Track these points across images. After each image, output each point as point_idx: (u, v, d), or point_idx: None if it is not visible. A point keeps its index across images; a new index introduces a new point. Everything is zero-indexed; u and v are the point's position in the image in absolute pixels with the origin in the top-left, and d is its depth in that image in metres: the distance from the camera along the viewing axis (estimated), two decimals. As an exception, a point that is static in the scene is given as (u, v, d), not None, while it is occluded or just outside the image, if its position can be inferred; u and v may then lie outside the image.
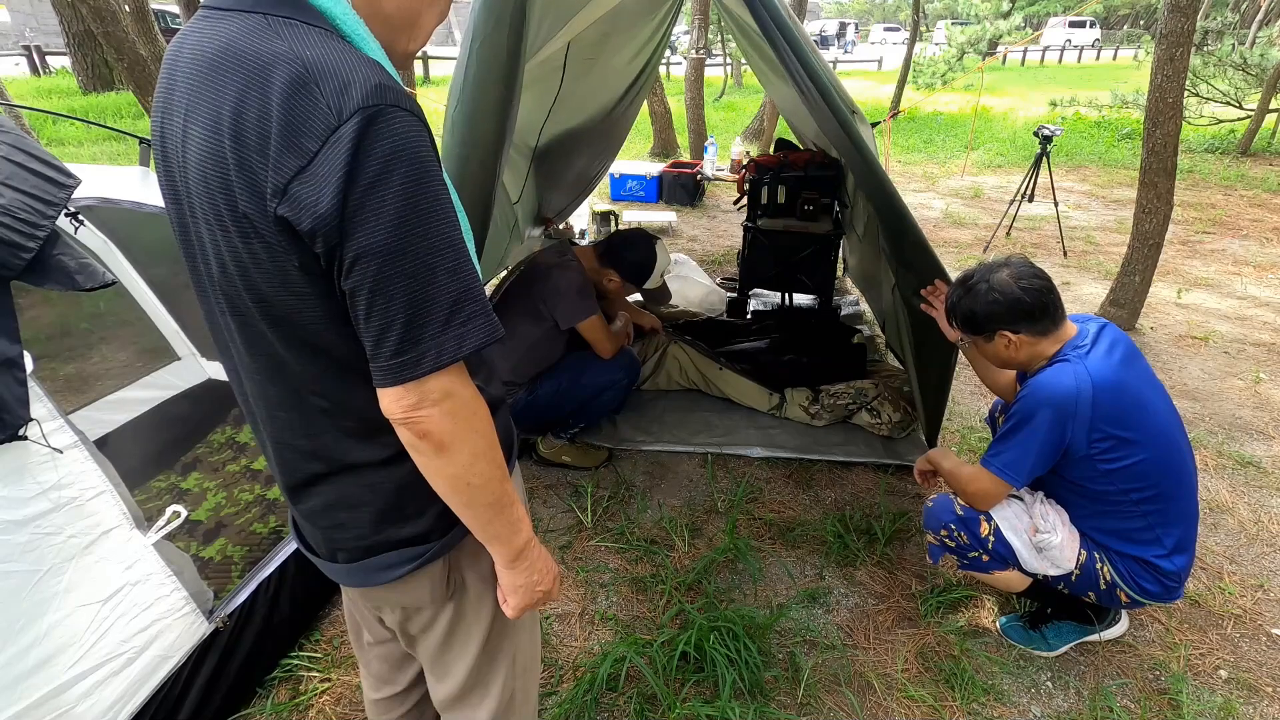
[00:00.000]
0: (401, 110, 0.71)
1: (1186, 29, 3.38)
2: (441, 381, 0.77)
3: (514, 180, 3.06)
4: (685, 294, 3.99)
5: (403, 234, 0.71)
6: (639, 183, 6.59)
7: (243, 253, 0.75)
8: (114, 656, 1.38)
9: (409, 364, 0.75)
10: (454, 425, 0.79)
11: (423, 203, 0.72)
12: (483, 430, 0.83)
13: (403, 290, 0.72)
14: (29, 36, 18.76)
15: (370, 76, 0.71)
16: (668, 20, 3.51)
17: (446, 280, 0.75)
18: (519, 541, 0.92)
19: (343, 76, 0.70)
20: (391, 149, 0.70)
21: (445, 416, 0.78)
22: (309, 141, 0.69)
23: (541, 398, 2.49)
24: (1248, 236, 5.76)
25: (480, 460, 0.83)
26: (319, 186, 0.69)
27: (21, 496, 1.26)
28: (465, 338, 0.76)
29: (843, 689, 1.79)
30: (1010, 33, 15.86)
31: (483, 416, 0.83)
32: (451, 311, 0.75)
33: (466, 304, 0.76)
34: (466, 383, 0.80)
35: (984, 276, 1.69)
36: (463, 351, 0.76)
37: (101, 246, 2.34)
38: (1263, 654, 1.91)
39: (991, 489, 1.72)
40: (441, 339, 0.75)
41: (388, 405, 0.78)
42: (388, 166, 0.70)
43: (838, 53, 28.94)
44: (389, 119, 0.70)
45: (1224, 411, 3.12)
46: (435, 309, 0.74)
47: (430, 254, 0.73)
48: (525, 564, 0.95)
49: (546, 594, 1.00)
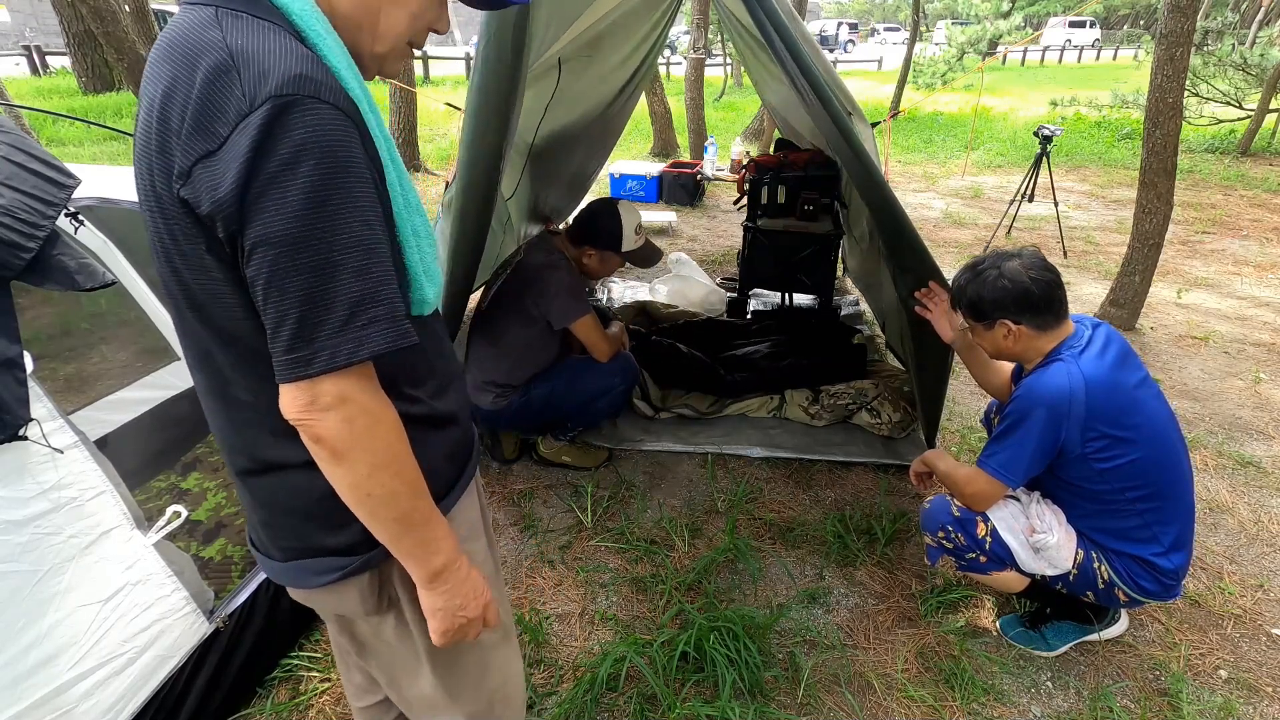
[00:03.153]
0: (322, 103, 0.70)
1: (1186, 29, 3.38)
2: (337, 385, 0.74)
3: (509, 177, 3.06)
4: (685, 294, 3.99)
5: (304, 226, 0.69)
6: (639, 183, 6.59)
7: (165, 235, 0.76)
8: (114, 656, 1.38)
9: (301, 362, 0.72)
10: (349, 432, 0.76)
11: (333, 198, 0.70)
12: (386, 442, 0.79)
13: (299, 284, 0.70)
14: (29, 36, 18.76)
15: (293, 66, 0.70)
16: (665, 19, 3.51)
17: (350, 280, 0.72)
18: (435, 563, 0.87)
19: (263, 65, 0.69)
20: (303, 140, 0.69)
21: (340, 422, 0.75)
22: (221, 126, 0.69)
23: (535, 401, 2.47)
24: (1248, 236, 5.76)
25: (382, 472, 0.79)
26: (222, 170, 0.68)
27: (22, 496, 1.26)
28: (364, 341, 0.73)
29: (843, 689, 1.79)
30: (1010, 33, 15.85)
31: (387, 426, 0.79)
32: (352, 313, 0.72)
33: (370, 307, 0.73)
34: (368, 389, 0.77)
35: (995, 263, 1.70)
36: (359, 355, 0.73)
37: (101, 246, 2.34)
38: (1263, 654, 1.91)
39: (988, 490, 1.72)
40: (337, 340, 0.72)
41: (284, 403, 0.76)
42: (296, 157, 0.68)
43: (839, 53, 28.93)
44: (304, 110, 0.69)
45: (1224, 411, 3.12)
46: (333, 308, 0.72)
47: (333, 251, 0.71)
48: (445, 587, 0.90)
49: (472, 622, 0.94)
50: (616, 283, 4.40)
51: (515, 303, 2.42)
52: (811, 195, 3.46)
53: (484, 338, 2.51)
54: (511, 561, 2.21)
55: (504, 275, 2.50)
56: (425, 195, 6.80)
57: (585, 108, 3.31)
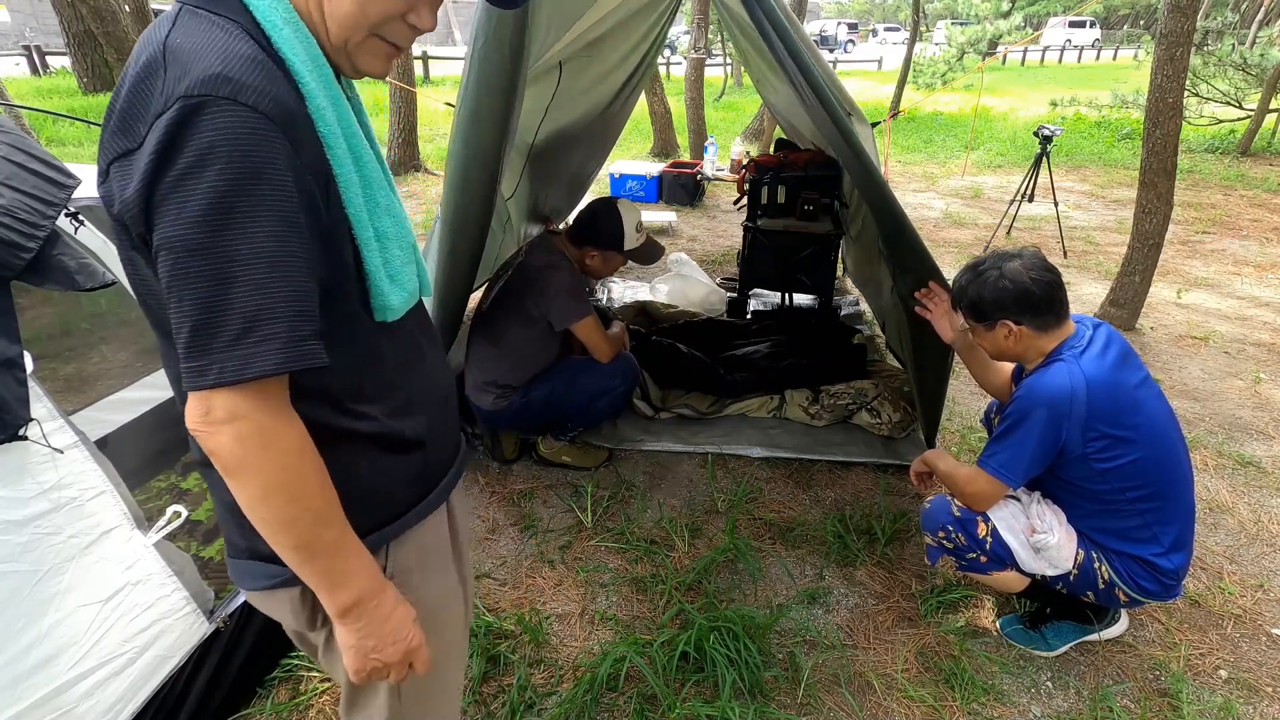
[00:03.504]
0: (238, 105, 0.66)
1: (1186, 29, 3.38)
2: (229, 400, 0.70)
3: (509, 177, 3.06)
4: (685, 294, 3.99)
5: (205, 234, 0.66)
6: (639, 183, 6.59)
7: (112, 230, 0.76)
8: (115, 656, 1.38)
9: (195, 372, 0.69)
10: (241, 451, 0.72)
11: (239, 206, 0.67)
12: (279, 465, 0.74)
13: (195, 293, 0.68)
14: (29, 36, 18.76)
15: (213, 66, 0.67)
16: (665, 19, 3.51)
17: (247, 294, 0.68)
18: (341, 598, 0.82)
19: (185, 64, 0.67)
20: (211, 143, 0.65)
21: (231, 439, 0.72)
22: (140, 125, 0.67)
23: (536, 401, 2.46)
24: (1248, 236, 5.76)
25: (275, 496, 0.75)
26: (132, 171, 0.67)
27: (22, 496, 1.26)
28: (253, 360, 0.69)
29: (843, 689, 1.79)
30: (1010, 33, 15.84)
31: (284, 449, 0.74)
32: (245, 329, 0.68)
33: (265, 324, 0.69)
34: (266, 408, 0.72)
35: (995, 264, 1.70)
36: (246, 374, 0.69)
37: (101, 246, 2.34)
38: (1263, 654, 1.91)
39: (988, 489, 1.72)
40: (227, 355, 0.69)
41: (185, 411, 0.73)
42: (203, 160, 0.65)
43: (839, 53, 28.94)
44: (216, 111, 0.66)
45: (1224, 411, 3.12)
46: (228, 321, 0.68)
47: (233, 262, 0.67)
48: (356, 625, 0.84)
49: (389, 666, 0.87)
50: (616, 283, 4.40)
51: (516, 303, 2.42)
52: (811, 195, 3.46)
53: (485, 338, 2.51)
54: (511, 561, 2.21)
55: (505, 276, 2.49)
56: (425, 195, 6.80)
57: (585, 108, 3.31)
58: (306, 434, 0.77)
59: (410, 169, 7.56)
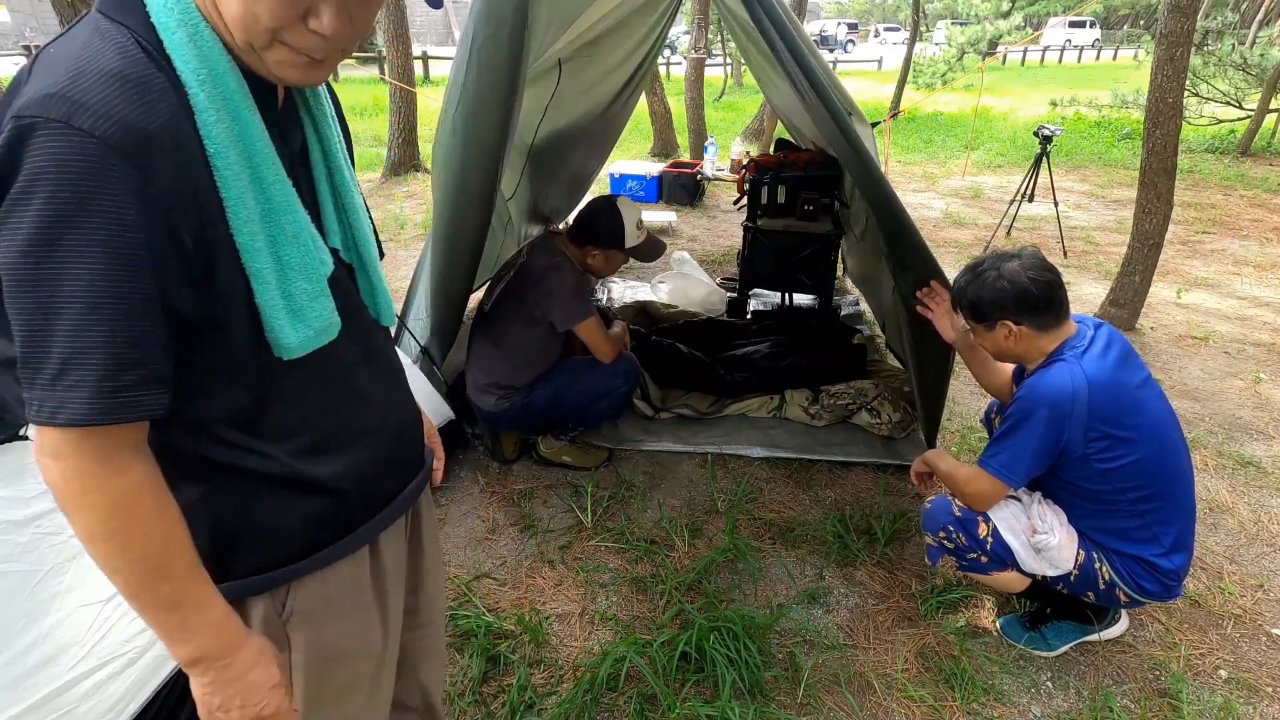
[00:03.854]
0: (71, 129, 0.60)
1: (1186, 29, 3.38)
2: (53, 438, 0.66)
3: (509, 177, 3.06)
4: (685, 294, 3.99)
5: (30, 264, 0.62)
6: (639, 183, 6.59)
7: None
8: (116, 656, 1.38)
9: (29, 403, 0.65)
10: (64, 491, 0.68)
11: (65, 238, 0.61)
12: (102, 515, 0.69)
13: (23, 323, 0.64)
14: (29, 36, 18.77)
15: (57, 83, 0.62)
16: (665, 19, 3.51)
17: (64, 336, 0.63)
18: (183, 653, 0.76)
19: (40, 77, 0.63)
20: (39, 169, 0.60)
21: (57, 476, 0.68)
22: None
23: (538, 402, 2.46)
24: (1248, 236, 5.76)
25: (99, 544, 0.70)
26: None
27: (22, 496, 1.26)
28: (63, 405, 0.64)
29: (843, 689, 1.79)
30: (1010, 33, 15.84)
31: (109, 501, 0.69)
32: (60, 370, 0.64)
33: (77, 370, 0.64)
34: (89, 452, 0.67)
35: (994, 264, 1.70)
36: (56, 420, 0.64)
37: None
38: (1263, 654, 1.92)
39: (989, 490, 1.72)
40: (46, 394, 0.65)
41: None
42: (30, 187, 0.61)
43: (839, 53, 28.94)
44: (46, 134, 0.60)
45: (1224, 411, 3.12)
46: (48, 360, 0.64)
47: (54, 298, 0.62)
48: (204, 679, 0.78)
49: None
50: (617, 282, 4.41)
51: (518, 304, 2.42)
52: (811, 195, 3.47)
53: (486, 339, 2.51)
54: (511, 561, 2.21)
55: (507, 276, 2.49)
56: (425, 195, 6.81)
57: (585, 108, 3.31)
58: (145, 482, 0.71)
59: (410, 169, 7.56)
